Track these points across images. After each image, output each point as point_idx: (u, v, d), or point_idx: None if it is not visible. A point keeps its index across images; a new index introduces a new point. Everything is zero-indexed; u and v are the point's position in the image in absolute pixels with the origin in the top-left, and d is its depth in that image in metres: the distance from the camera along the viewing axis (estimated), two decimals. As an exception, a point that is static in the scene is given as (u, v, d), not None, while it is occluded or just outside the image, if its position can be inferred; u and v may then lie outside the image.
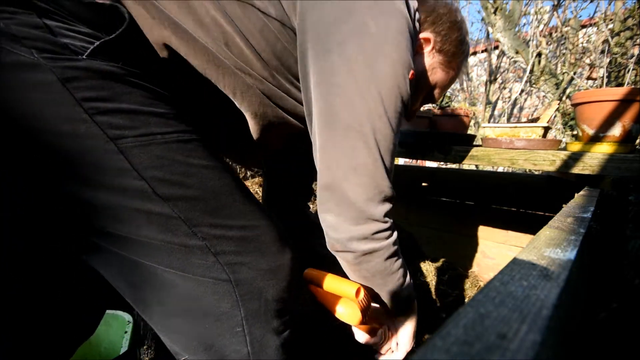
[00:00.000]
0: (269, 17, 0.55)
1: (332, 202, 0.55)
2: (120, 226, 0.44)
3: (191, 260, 0.47)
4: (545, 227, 0.42)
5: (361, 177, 0.53)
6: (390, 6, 0.53)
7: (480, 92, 4.23)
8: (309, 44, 0.53)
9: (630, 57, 2.08)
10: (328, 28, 0.52)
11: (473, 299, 0.22)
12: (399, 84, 0.53)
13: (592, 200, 0.64)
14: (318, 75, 0.53)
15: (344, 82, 0.51)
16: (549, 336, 0.19)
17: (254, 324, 0.51)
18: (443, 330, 0.18)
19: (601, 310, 0.57)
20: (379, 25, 0.51)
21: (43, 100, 0.38)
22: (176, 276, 0.47)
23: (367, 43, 0.51)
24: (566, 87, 2.45)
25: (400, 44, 0.53)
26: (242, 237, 0.51)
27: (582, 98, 0.91)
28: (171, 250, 0.46)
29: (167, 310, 0.49)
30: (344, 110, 0.51)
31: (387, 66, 0.51)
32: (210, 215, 0.49)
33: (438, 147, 1.07)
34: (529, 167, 0.92)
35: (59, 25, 0.41)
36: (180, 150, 0.47)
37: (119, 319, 0.98)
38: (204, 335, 0.50)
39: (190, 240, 0.47)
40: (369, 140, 0.52)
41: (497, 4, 2.49)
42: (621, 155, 0.79)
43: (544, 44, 2.44)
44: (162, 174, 0.45)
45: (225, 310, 0.49)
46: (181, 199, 0.46)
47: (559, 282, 0.25)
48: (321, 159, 0.55)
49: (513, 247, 1.36)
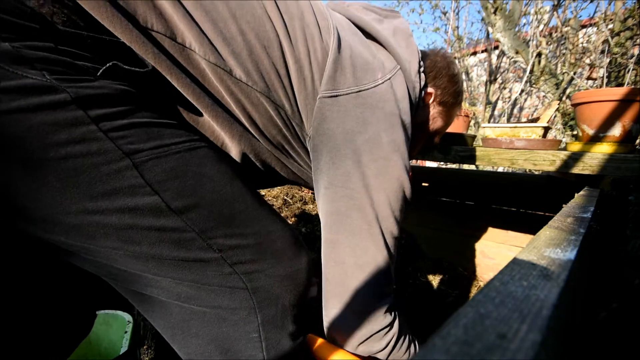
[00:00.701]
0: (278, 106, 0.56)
1: (337, 298, 0.56)
2: (131, 247, 0.43)
3: (207, 272, 0.47)
4: (545, 227, 0.42)
5: (369, 274, 0.55)
6: (397, 119, 0.59)
7: (480, 92, 4.23)
8: (324, 148, 0.57)
9: (630, 57, 2.08)
10: (345, 136, 0.56)
11: (473, 299, 0.22)
12: (404, 186, 0.59)
13: (592, 200, 0.64)
14: (332, 178, 0.57)
15: (357, 187, 0.55)
16: (549, 336, 0.19)
17: (271, 330, 0.51)
18: (443, 330, 0.18)
19: (601, 310, 0.57)
20: (389, 136, 0.57)
21: (56, 122, 0.37)
22: (191, 287, 0.47)
23: (379, 153, 0.56)
24: (566, 87, 2.45)
25: (404, 152, 0.59)
26: (257, 244, 0.51)
27: (582, 98, 0.91)
28: (186, 265, 0.46)
29: (183, 316, 0.49)
30: (356, 213, 0.55)
31: (395, 172, 0.57)
32: (225, 225, 0.48)
33: (438, 147, 1.07)
34: (529, 167, 0.92)
35: (71, 51, 0.40)
36: (193, 159, 0.47)
37: (119, 319, 0.98)
38: (220, 340, 0.49)
39: (205, 254, 0.46)
40: (377, 239, 0.56)
41: (497, 4, 2.48)
42: (621, 155, 0.79)
43: (544, 44, 2.44)
44: (176, 186, 0.44)
45: (242, 316, 0.49)
46: (194, 210, 0.45)
47: (559, 282, 0.25)
48: (329, 254, 0.58)
49: (513, 247, 1.36)
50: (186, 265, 0.45)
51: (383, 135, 0.57)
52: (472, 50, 3.99)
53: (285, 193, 1.67)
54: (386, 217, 0.57)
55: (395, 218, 0.58)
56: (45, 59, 0.37)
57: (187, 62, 0.48)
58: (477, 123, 3.42)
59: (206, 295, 0.48)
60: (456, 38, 3.78)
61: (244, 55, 0.50)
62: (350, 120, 0.56)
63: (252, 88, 0.52)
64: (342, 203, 0.56)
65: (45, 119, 0.36)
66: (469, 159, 1.01)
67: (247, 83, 0.51)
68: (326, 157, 0.57)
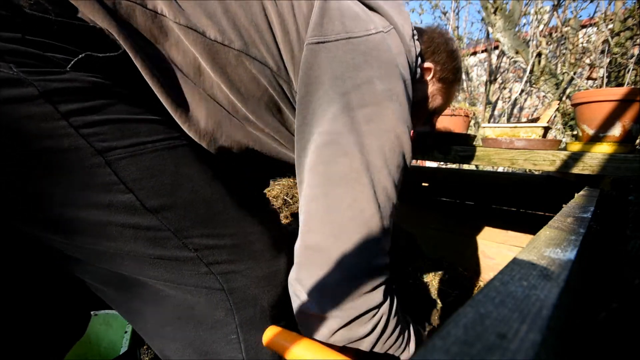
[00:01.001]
0: (264, 66, 0.51)
1: (311, 268, 0.46)
2: (106, 243, 0.42)
3: (183, 271, 0.46)
4: (545, 227, 0.42)
5: (355, 236, 0.45)
6: (394, 69, 0.52)
7: (480, 92, 4.23)
8: (311, 98, 0.50)
9: (630, 57, 2.07)
10: (334, 81, 0.48)
11: (473, 299, 0.22)
12: (402, 142, 0.50)
13: (592, 200, 0.64)
14: (316, 127, 0.49)
15: (343, 131, 0.47)
16: (549, 336, 0.19)
17: (249, 331, 0.51)
18: (443, 330, 0.18)
19: (601, 310, 0.57)
20: (384, 84, 0.50)
21: (23, 116, 0.36)
22: (168, 287, 0.47)
23: (371, 99, 0.48)
24: (566, 87, 2.44)
25: (404, 104, 0.51)
26: (234, 245, 0.50)
27: (582, 98, 0.91)
28: (162, 263, 0.45)
29: (160, 320, 0.49)
30: (342, 159, 0.46)
31: (391, 122, 0.49)
32: (202, 225, 0.47)
33: (438, 147, 1.07)
34: (529, 167, 0.92)
35: (42, 41, 0.39)
36: (171, 157, 0.46)
37: (119, 319, 0.98)
38: (198, 343, 0.49)
39: (181, 253, 0.46)
40: (366, 191, 0.46)
41: (497, 4, 2.48)
42: (621, 155, 0.79)
43: (544, 44, 2.44)
44: (152, 185, 0.43)
45: (219, 318, 0.49)
46: (171, 210, 0.45)
47: (559, 282, 0.25)
48: (309, 211, 0.48)
49: (513, 247, 1.36)
50: (162, 263, 0.45)
51: (377, 82, 0.49)
52: (472, 50, 3.99)
53: (285, 193, 1.67)
54: (379, 167, 0.47)
55: (389, 173, 0.48)
56: (14, 51, 0.36)
57: (161, 32, 0.45)
58: (477, 123, 3.42)
59: (184, 296, 0.47)
60: (456, 38, 3.78)
61: (218, 14, 0.47)
62: (339, 66, 0.49)
63: (229, 47, 0.48)
64: (326, 151, 0.47)
65: (13, 112, 0.36)
66: (469, 159, 1.01)
67: (223, 42, 0.47)
68: (312, 107, 0.49)
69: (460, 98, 4.10)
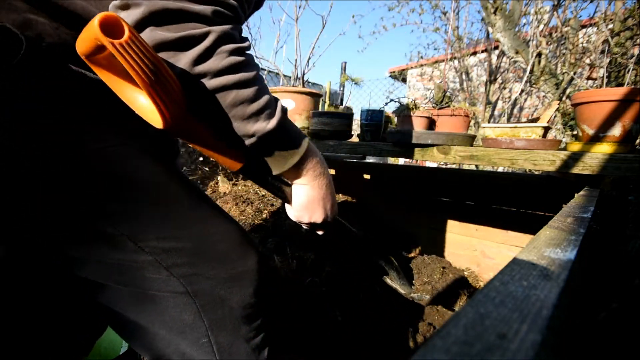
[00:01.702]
0: None
1: None
2: (70, 248, 0.43)
3: (145, 275, 0.46)
4: (545, 227, 0.42)
5: None
6: None
7: (480, 92, 4.22)
8: None
9: (630, 57, 2.07)
10: None
11: (473, 299, 0.22)
12: None
13: (592, 200, 0.64)
14: None
15: None
16: (549, 336, 0.19)
17: (220, 333, 0.50)
18: (443, 330, 0.18)
19: (601, 310, 0.57)
20: None
21: None
22: (135, 293, 0.47)
23: None
24: (566, 87, 2.44)
25: None
26: (195, 248, 0.49)
27: (582, 98, 0.91)
28: (124, 267, 0.45)
29: (133, 326, 0.49)
30: None
31: None
32: (157, 228, 0.46)
33: (438, 147, 1.07)
34: (529, 167, 0.92)
35: None
36: (120, 161, 0.44)
37: (119, 319, 0.98)
38: (171, 348, 0.49)
39: (139, 257, 0.45)
40: None
41: (497, 4, 2.48)
42: (621, 155, 0.79)
43: (544, 44, 2.44)
44: (102, 190, 0.43)
45: (188, 322, 0.49)
46: (122, 214, 0.44)
47: (559, 282, 0.25)
48: None
49: (513, 247, 1.36)
50: (125, 267, 0.45)
51: None
52: (472, 50, 3.98)
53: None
54: None
55: None
56: None
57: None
58: (477, 123, 3.42)
59: (152, 302, 0.47)
60: (456, 38, 3.78)
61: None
62: None
63: None
64: None
65: None
66: (469, 159, 1.01)
67: None
68: None
69: (460, 98, 4.10)
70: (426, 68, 5.50)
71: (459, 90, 4.16)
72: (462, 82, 4.10)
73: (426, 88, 6.07)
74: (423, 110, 1.20)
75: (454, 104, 1.19)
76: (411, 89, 6.51)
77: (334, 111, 1.65)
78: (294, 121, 1.48)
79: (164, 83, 0.37)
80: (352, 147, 1.29)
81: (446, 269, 1.41)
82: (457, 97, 4.15)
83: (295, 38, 1.57)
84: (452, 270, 1.43)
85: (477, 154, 0.99)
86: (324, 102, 2.22)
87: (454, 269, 1.44)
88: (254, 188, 1.71)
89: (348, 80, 3.28)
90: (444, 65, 3.36)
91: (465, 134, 1.10)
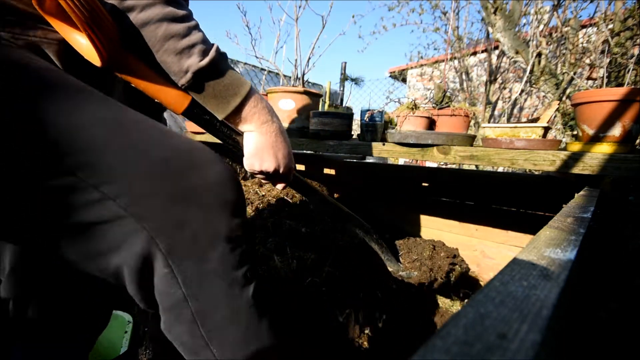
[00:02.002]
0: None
1: None
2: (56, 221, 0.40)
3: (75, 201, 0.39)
4: (545, 227, 0.42)
5: None
6: None
7: (480, 92, 4.22)
8: None
9: (630, 57, 2.07)
10: None
11: (473, 299, 0.22)
12: None
13: (592, 200, 0.64)
14: None
15: None
16: (549, 336, 0.19)
17: (182, 262, 0.42)
18: (443, 330, 0.18)
19: (601, 310, 0.57)
20: None
21: None
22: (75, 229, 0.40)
23: None
24: (566, 87, 2.45)
25: None
26: (120, 160, 0.41)
27: (582, 98, 0.91)
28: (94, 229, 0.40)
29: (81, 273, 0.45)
30: None
31: None
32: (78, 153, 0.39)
33: (438, 147, 1.07)
34: (529, 167, 0.92)
35: None
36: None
37: (119, 319, 0.98)
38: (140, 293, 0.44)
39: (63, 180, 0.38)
40: None
41: (497, 4, 2.48)
42: (621, 155, 0.79)
43: (544, 44, 2.44)
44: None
45: (141, 252, 0.41)
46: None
47: (559, 282, 0.25)
48: None
49: (513, 247, 1.36)
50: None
51: None
52: (472, 50, 3.98)
53: (285, 193, 1.67)
54: None
55: None
56: None
57: None
58: (477, 123, 3.42)
59: (93, 239, 0.41)
60: (456, 38, 3.78)
61: None
62: None
63: None
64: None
65: None
66: (469, 159, 1.01)
67: None
68: None
69: (461, 98, 4.10)
70: (426, 68, 5.51)
71: (459, 90, 4.16)
72: (462, 82, 4.10)
73: (426, 88, 6.08)
74: (423, 111, 1.20)
75: (454, 104, 1.19)
76: (411, 89, 6.52)
77: (334, 111, 1.65)
78: (294, 121, 1.48)
79: (98, 22, 0.40)
80: (352, 147, 1.29)
81: (437, 248, 1.40)
82: (457, 97, 4.15)
83: (295, 38, 1.57)
84: (443, 249, 1.41)
85: (477, 154, 0.99)
86: (324, 102, 2.22)
87: (445, 248, 1.41)
88: (254, 188, 1.71)
89: (348, 80, 3.28)
90: (444, 65, 3.36)
91: (465, 134, 1.10)
